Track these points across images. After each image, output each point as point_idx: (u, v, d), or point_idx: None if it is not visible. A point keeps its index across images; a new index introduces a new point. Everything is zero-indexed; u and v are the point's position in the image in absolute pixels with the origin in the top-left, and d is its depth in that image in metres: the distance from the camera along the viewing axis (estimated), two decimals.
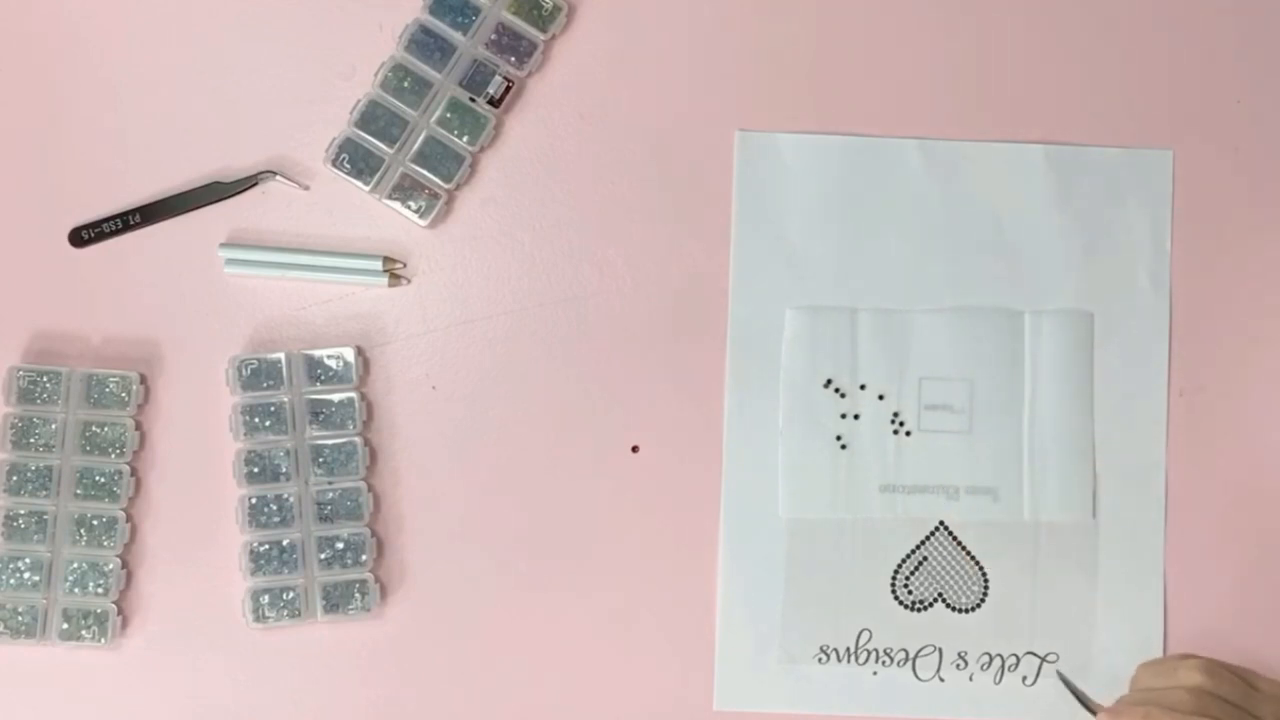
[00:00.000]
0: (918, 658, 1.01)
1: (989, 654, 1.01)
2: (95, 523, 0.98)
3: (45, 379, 0.99)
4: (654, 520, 1.01)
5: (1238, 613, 1.01)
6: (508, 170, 1.02)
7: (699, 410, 1.01)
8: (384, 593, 1.00)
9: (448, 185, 1.01)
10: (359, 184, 1.00)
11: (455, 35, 1.00)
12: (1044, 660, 1.01)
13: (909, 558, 1.01)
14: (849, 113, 1.02)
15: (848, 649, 1.01)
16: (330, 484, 0.99)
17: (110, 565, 0.98)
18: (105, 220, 1.01)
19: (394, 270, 1.01)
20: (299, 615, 0.98)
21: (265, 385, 0.99)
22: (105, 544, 0.98)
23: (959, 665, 1.01)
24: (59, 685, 1.00)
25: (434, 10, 1.00)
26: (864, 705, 1.01)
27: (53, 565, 0.98)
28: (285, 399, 0.99)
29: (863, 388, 1.01)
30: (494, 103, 1.01)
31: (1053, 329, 1.01)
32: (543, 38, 1.01)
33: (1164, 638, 1.01)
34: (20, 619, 0.98)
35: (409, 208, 1.01)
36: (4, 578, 0.98)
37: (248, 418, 0.99)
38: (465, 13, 1.00)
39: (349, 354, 1.00)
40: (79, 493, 0.98)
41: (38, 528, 0.98)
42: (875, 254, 1.02)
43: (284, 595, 0.98)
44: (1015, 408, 1.01)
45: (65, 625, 0.98)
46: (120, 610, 0.99)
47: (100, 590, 0.98)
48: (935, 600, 1.01)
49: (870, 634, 1.01)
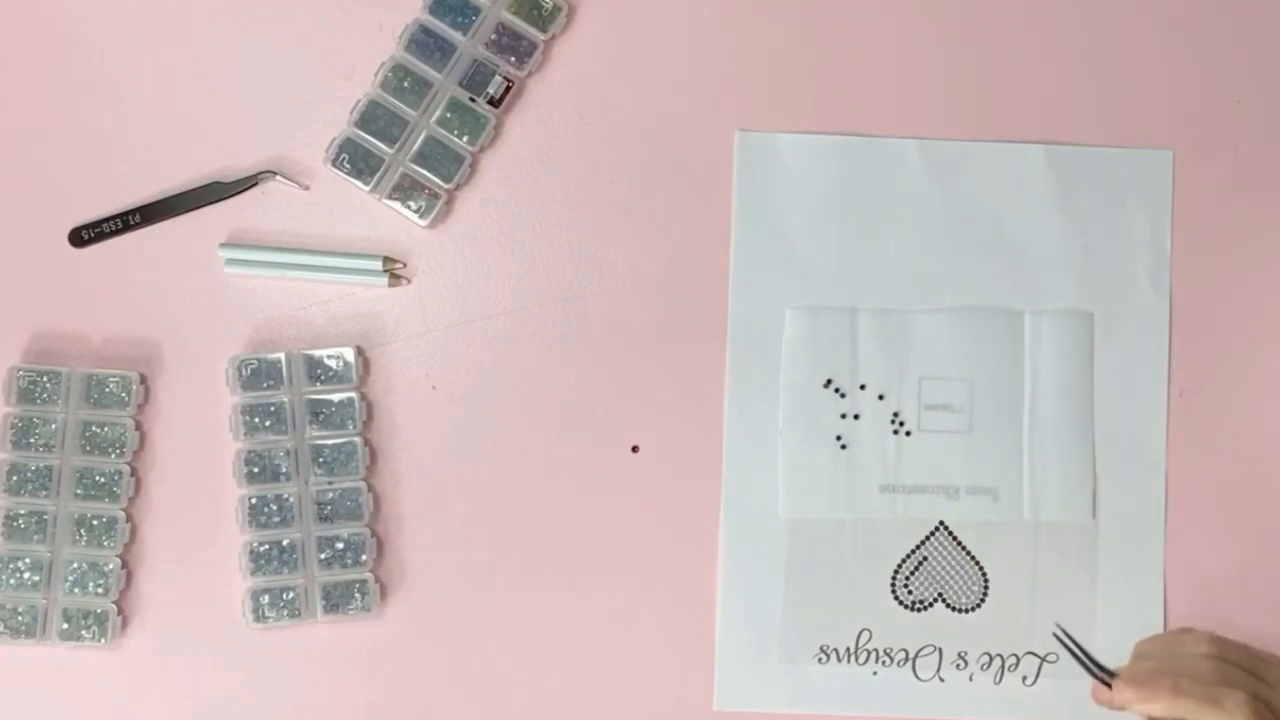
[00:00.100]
0: (918, 658, 1.01)
1: (989, 654, 1.01)
2: (95, 523, 0.98)
3: (45, 379, 0.99)
4: (654, 520, 1.01)
5: (1238, 612, 1.01)
6: (508, 170, 1.02)
7: (699, 410, 1.01)
8: (384, 593, 1.00)
9: (448, 185, 1.01)
10: (359, 184, 1.00)
11: (455, 35, 1.00)
12: (1044, 660, 1.01)
13: (909, 558, 1.01)
14: (849, 113, 1.02)
15: (848, 649, 1.01)
16: (330, 484, 0.99)
17: (110, 565, 0.98)
18: (105, 220, 1.01)
19: (394, 270, 1.01)
20: (299, 615, 0.98)
21: (265, 385, 0.99)
22: (105, 544, 0.98)
23: (959, 665, 1.01)
24: (59, 685, 1.00)
25: (434, 10, 1.00)
26: (864, 705, 1.00)
27: (53, 565, 0.98)
28: (285, 399, 0.99)
29: (863, 388, 1.01)
30: (494, 103, 1.01)
31: (1053, 329, 1.01)
32: (543, 38, 1.01)
33: None
34: (20, 619, 0.98)
35: (409, 208, 1.01)
36: (4, 578, 0.98)
37: (248, 418, 0.99)
38: (465, 13, 1.00)
39: (349, 354, 1.00)
40: (79, 493, 0.98)
41: (38, 528, 0.98)
42: (875, 254, 1.02)
43: (284, 595, 0.98)
44: (1015, 408, 1.01)
45: (65, 625, 0.98)
46: (120, 610, 0.99)
47: (100, 590, 0.98)
48: (935, 600, 1.01)
49: (870, 634, 1.01)
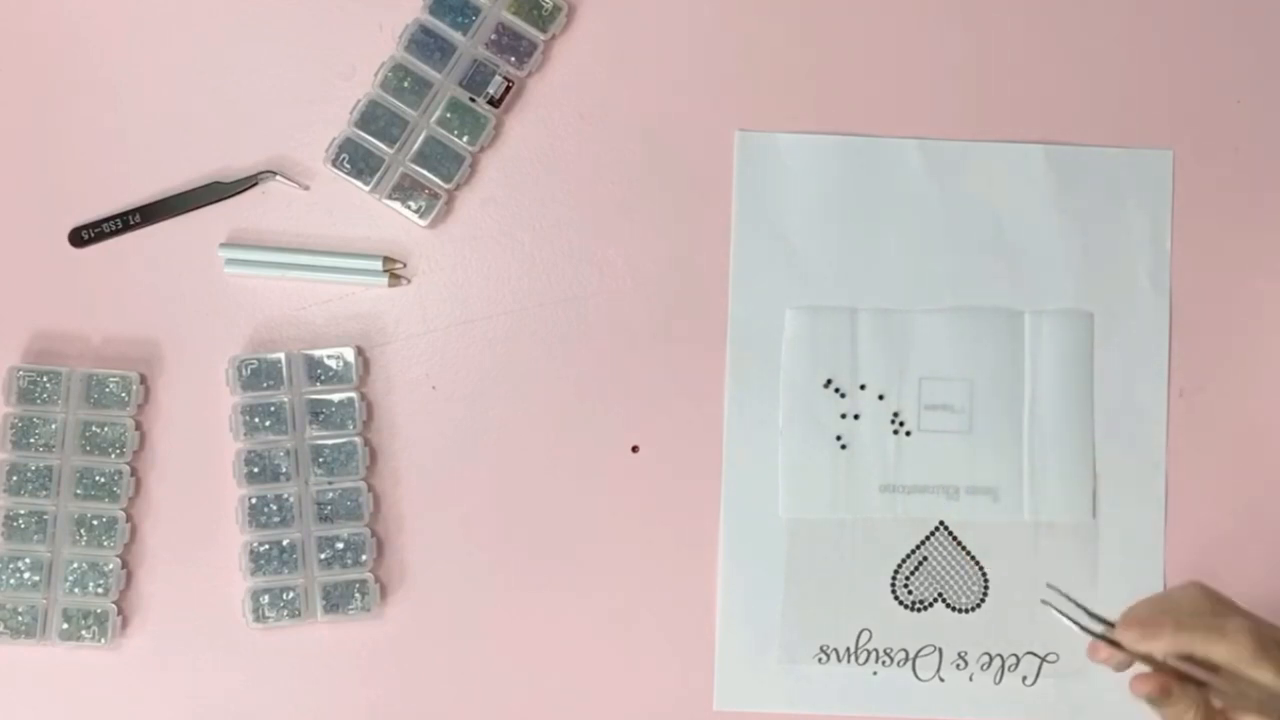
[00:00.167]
0: (918, 658, 1.01)
1: (989, 654, 1.01)
2: (95, 523, 0.98)
3: (45, 379, 0.99)
4: (654, 520, 1.01)
5: None
6: (508, 170, 1.02)
7: (699, 410, 1.01)
8: (384, 593, 1.00)
9: (448, 185, 1.01)
10: (359, 184, 1.00)
11: (455, 35, 1.00)
12: (1044, 660, 1.01)
13: (909, 558, 1.01)
14: (849, 113, 1.02)
15: (848, 649, 1.01)
16: (330, 484, 0.99)
17: (110, 565, 0.98)
18: (105, 220, 1.01)
19: (394, 270, 1.01)
20: (299, 615, 0.98)
21: (265, 385, 0.99)
22: (105, 544, 0.98)
23: (959, 665, 1.01)
24: (59, 685, 1.00)
25: (434, 10, 1.00)
26: (864, 705, 1.00)
27: (53, 565, 0.98)
28: (285, 399, 0.99)
29: (863, 388, 1.01)
30: (494, 103, 1.01)
31: (1053, 329, 1.01)
32: (543, 38, 1.01)
33: None
34: (20, 619, 0.98)
35: (409, 208, 1.01)
36: (4, 578, 0.98)
37: (248, 418, 0.99)
38: (465, 13, 1.00)
39: (349, 354, 1.00)
40: (79, 493, 0.98)
41: (38, 528, 0.98)
42: (875, 254, 1.02)
43: (284, 595, 0.98)
44: (1015, 408, 1.01)
45: (65, 625, 0.98)
46: (120, 610, 0.99)
47: (100, 590, 0.98)
48: (935, 600, 1.01)
49: (870, 634, 1.01)
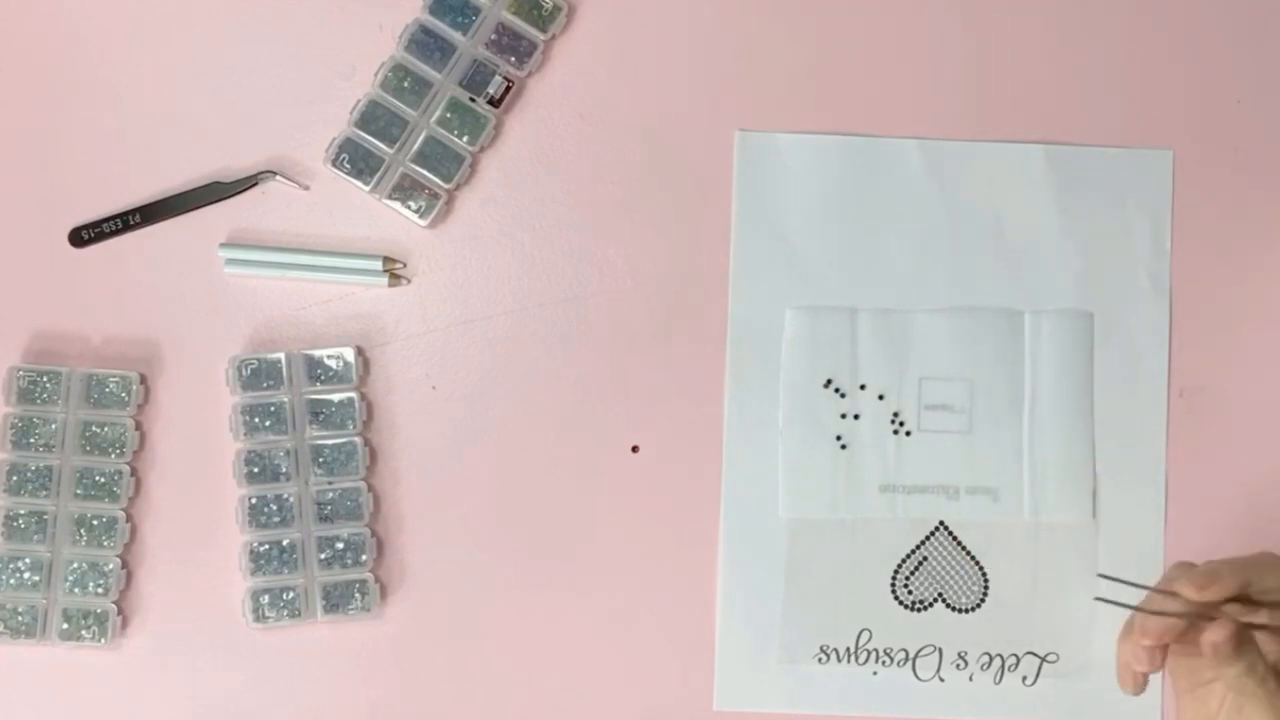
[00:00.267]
0: (918, 658, 1.01)
1: (989, 654, 1.01)
2: (95, 523, 0.98)
3: (45, 379, 0.99)
4: (654, 520, 1.01)
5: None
6: (508, 170, 1.02)
7: (699, 410, 1.01)
8: (384, 593, 1.00)
9: (448, 185, 1.01)
10: (359, 184, 1.00)
11: (455, 35, 1.00)
12: (1044, 660, 1.01)
13: (909, 558, 1.01)
14: (849, 113, 1.02)
15: (848, 649, 1.01)
16: (330, 484, 0.99)
17: (110, 565, 0.98)
18: (105, 220, 1.01)
19: (394, 270, 1.01)
20: (299, 615, 0.98)
21: (265, 385, 0.99)
22: (105, 544, 0.98)
23: (959, 665, 1.01)
24: (59, 685, 1.00)
25: (434, 10, 1.00)
26: (864, 705, 1.00)
27: (53, 565, 0.98)
28: (285, 399, 0.99)
29: (863, 388, 1.01)
30: (494, 103, 1.01)
31: (1053, 329, 1.01)
32: (543, 38, 1.01)
33: None
34: (20, 619, 0.98)
35: (409, 208, 1.01)
36: (4, 578, 0.98)
37: (248, 418, 0.99)
38: (465, 13, 1.00)
39: (349, 354, 1.00)
40: (79, 493, 0.98)
41: (38, 528, 0.98)
42: (875, 254, 1.02)
43: (284, 595, 0.98)
44: (1015, 408, 1.01)
45: (65, 625, 0.98)
46: (120, 610, 0.99)
47: (100, 590, 0.98)
48: (935, 600, 1.01)
49: (870, 634, 1.01)
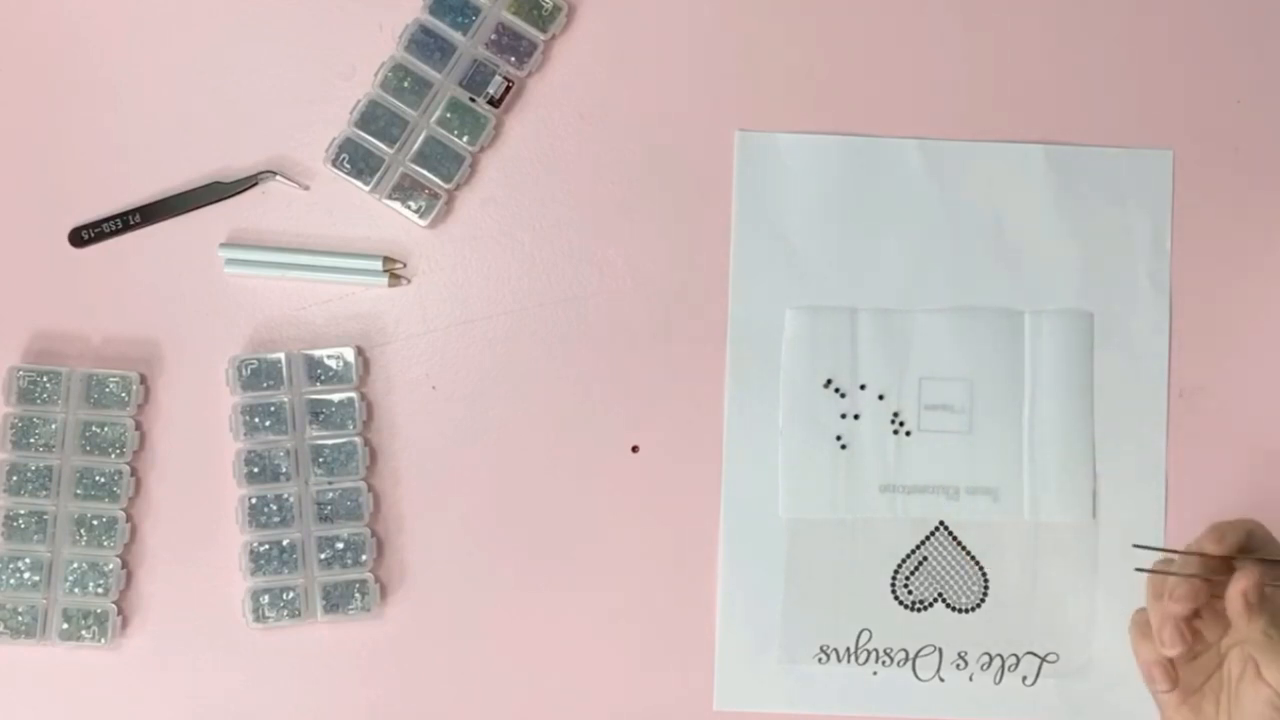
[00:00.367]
0: (918, 658, 1.01)
1: (989, 654, 1.01)
2: (95, 523, 0.98)
3: (45, 379, 0.99)
4: (654, 520, 1.01)
5: None
6: (508, 170, 1.02)
7: (699, 410, 1.01)
8: (384, 593, 1.00)
9: (448, 185, 1.01)
10: (359, 184, 1.00)
11: (455, 35, 1.00)
12: (1044, 660, 1.01)
13: (909, 558, 1.01)
14: (849, 113, 1.02)
15: (848, 649, 1.01)
16: (330, 484, 0.99)
17: (110, 565, 0.98)
18: (105, 220, 1.01)
19: (394, 270, 1.01)
20: (299, 615, 0.98)
21: (265, 385, 0.99)
22: (105, 544, 0.98)
23: (959, 665, 1.01)
24: (59, 685, 1.00)
25: (434, 10, 1.00)
26: (864, 705, 1.00)
27: (53, 565, 0.98)
28: (285, 399, 0.99)
29: (863, 388, 1.01)
30: (494, 103, 1.01)
31: (1053, 329, 1.01)
32: (543, 38, 1.01)
33: None
34: (20, 619, 0.98)
35: (409, 208, 1.01)
36: (4, 578, 0.98)
37: (248, 418, 0.99)
38: (465, 13, 1.00)
39: (349, 354, 1.00)
40: (79, 493, 0.98)
41: (38, 528, 0.98)
42: (875, 254, 1.02)
43: (284, 595, 0.98)
44: (1015, 408, 1.01)
45: (65, 625, 0.98)
46: (120, 610, 0.99)
47: (100, 590, 0.98)
48: (935, 600, 1.01)
49: (870, 634, 1.01)
